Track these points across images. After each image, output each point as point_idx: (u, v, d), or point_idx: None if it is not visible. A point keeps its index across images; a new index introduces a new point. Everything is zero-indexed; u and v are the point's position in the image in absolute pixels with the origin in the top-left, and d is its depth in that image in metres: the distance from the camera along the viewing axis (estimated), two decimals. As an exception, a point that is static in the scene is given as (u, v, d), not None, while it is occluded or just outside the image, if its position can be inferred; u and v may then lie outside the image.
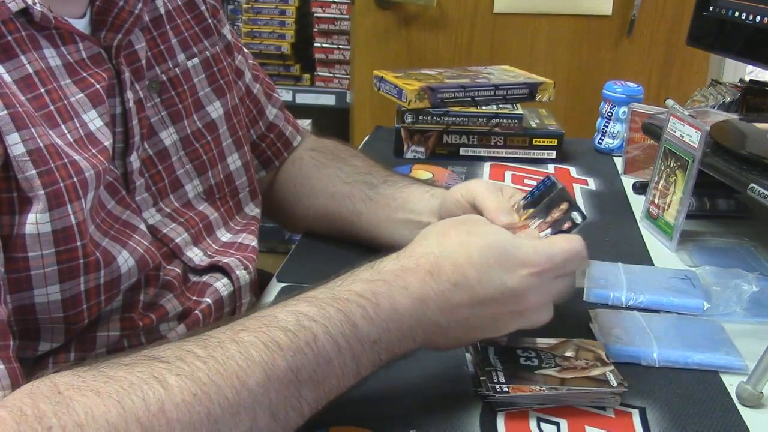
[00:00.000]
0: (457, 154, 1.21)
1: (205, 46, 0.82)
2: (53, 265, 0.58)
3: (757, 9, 0.94)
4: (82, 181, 0.59)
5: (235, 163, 0.85)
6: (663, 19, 2.05)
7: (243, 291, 0.78)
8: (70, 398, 0.44)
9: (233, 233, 0.83)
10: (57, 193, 0.57)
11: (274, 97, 0.98)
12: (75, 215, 0.58)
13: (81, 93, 0.63)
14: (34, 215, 0.56)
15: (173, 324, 0.71)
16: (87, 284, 0.61)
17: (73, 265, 0.59)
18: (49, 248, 0.57)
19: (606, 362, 0.64)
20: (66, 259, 0.58)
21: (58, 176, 0.57)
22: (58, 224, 0.57)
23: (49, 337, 0.61)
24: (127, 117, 0.69)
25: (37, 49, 0.61)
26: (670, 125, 0.96)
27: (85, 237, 0.59)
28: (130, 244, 0.66)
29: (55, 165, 0.57)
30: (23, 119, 0.56)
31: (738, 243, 0.95)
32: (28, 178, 0.55)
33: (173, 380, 0.46)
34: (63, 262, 0.58)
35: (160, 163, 0.75)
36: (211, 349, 0.49)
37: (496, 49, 2.09)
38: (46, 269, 0.57)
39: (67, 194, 0.57)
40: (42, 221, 0.56)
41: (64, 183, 0.57)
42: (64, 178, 0.57)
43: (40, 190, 0.56)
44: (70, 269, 0.59)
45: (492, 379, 0.61)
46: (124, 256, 0.64)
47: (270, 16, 2.34)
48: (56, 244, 0.57)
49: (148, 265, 0.67)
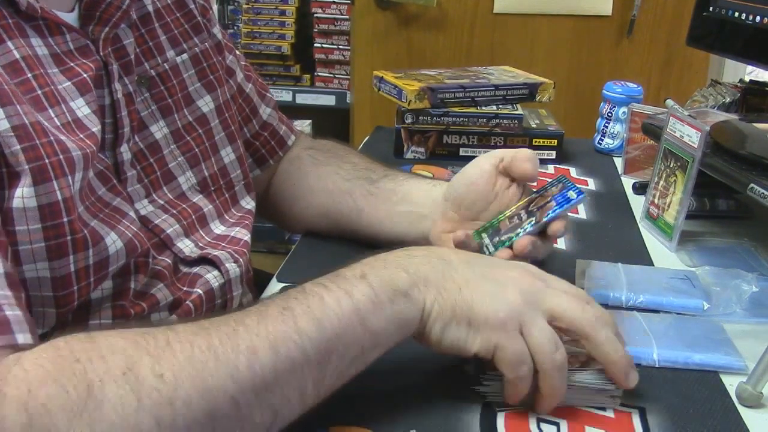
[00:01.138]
0: (457, 154, 1.21)
1: (195, 43, 0.82)
2: (40, 241, 0.58)
3: (757, 9, 0.94)
4: (68, 159, 0.59)
5: (229, 156, 0.85)
6: (663, 19, 2.05)
7: (234, 283, 0.78)
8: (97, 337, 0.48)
9: (227, 226, 0.83)
10: (42, 168, 0.57)
11: (267, 97, 0.98)
12: (61, 191, 0.58)
13: (68, 81, 0.64)
14: (21, 189, 0.56)
15: (164, 314, 0.71)
16: (76, 264, 0.61)
17: (60, 242, 0.59)
18: (36, 223, 0.57)
19: None
20: (53, 235, 0.59)
21: (43, 152, 0.58)
22: (44, 199, 0.58)
23: (40, 322, 0.61)
24: (116, 108, 0.70)
25: (24, 38, 0.62)
26: (669, 125, 0.96)
27: (72, 214, 0.60)
28: (119, 227, 0.66)
29: (41, 142, 0.58)
30: (8, 96, 0.56)
31: (738, 243, 0.95)
32: (13, 153, 0.56)
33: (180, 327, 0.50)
34: (50, 239, 0.59)
35: (152, 156, 0.75)
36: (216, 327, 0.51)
37: (496, 50, 2.09)
38: (34, 245, 0.58)
39: (52, 170, 0.58)
40: (28, 195, 0.57)
41: (49, 159, 0.58)
42: (49, 154, 0.58)
43: (25, 165, 0.56)
44: (58, 246, 0.59)
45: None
46: (112, 237, 0.65)
47: (270, 17, 2.34)
48: (42, 220, 0.58)
49: (136, 249, 0.67)
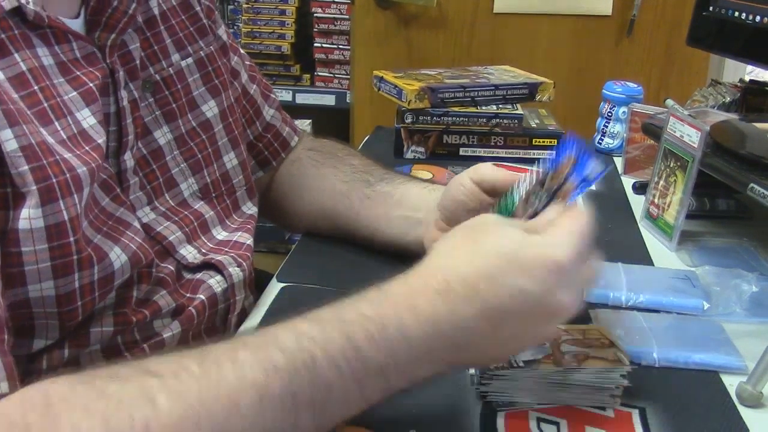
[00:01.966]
0: (457, 154, 1.21)
1: (200, 46, 0.82)
2: (46, 260, 0.58)
3: (757, 9, 0.94)
4: (74, 177, 0.59)
5: (231, 162, 0.85)
6: (663, 19, 2.05)
7: (237, 288, 0.78)
8: (58, 413, 0.44)
9: (229, 231, 0.83)
10: (49, 188, 0.57)
11: (271, 98, 0.98)
12: (68, 211, 0.58)
13: (74, 91, 0.64)
14: (27, 210, 0.56)
15: (167, 321, 0.71)
16: (81, 281, 0.61)
17: (66, 261, 0.59)
18: (42, 244, 0.57)
19: (614, 344, 0.64)
20: (59, 255, 0.59)
21: (51, 172, 0.57)
22: (51, 219, 0.57)
23: (43, 333, 0.61)
24: (121, 116, 0.69)
25: (30, 48, 0.61)
26: (669, 125, 0.96)
27: (78, 233, 0.59)
28: (123, 240, 0.66)
29: (48, 162, 0.57)
30: (15, 116, 0.56)
31: (738, 243, 0.95)
32: (21, 174, 0.56)
33: (163, 399, 0.45)
34: (56, 258, 0.59)
35: (154, 162, 0.75)
36: (206, 366, 0.48)
37: (496, 49, 2.08)
38: (40, 265, 0.58)
39: (59, 190, 0.58)
40: (35, 216, 0.56)
41: (56, 179, 0.58)
42: (56, 174, 0.58)
43: (32, 185, 0.56)
44: (64, 265, 0.59)
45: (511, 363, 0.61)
46: (116, 252, 0.65)
47: (270, 16, 2.34)
48: (49, 240, 0.58)
49: (140, 261, 0.67)
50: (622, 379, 0.61)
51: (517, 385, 0.61)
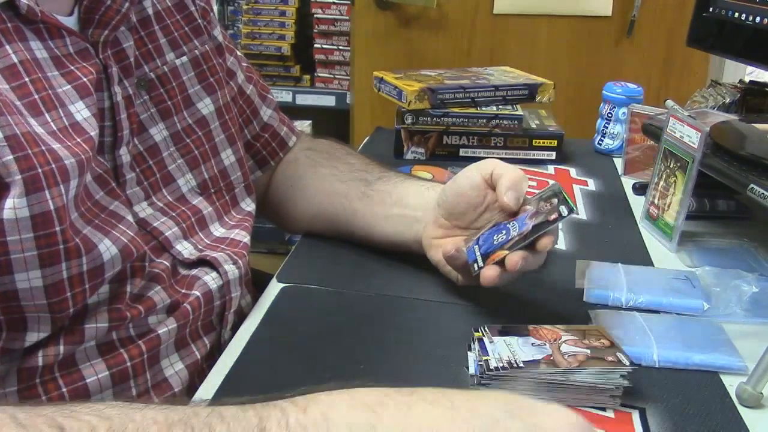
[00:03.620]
0: (457, 154, 1.21)
1: (195, 45, 0.82)
2: (32, 249, 0.58)
3: (757, 9, 0.94)
4: (61, 168, 0.59)
5: (229, 159, 0.85)
6: (663, 20, 2.05)
7: (232, 285, 0.78)
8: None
9: (227, 228, 0.83)
10: (34, 178, 0.57)
11: (268, 99, 0.98)
12: (53, 201, 0.58)
13: (68, 85, 0.64)
14: (12, 200, 0.56)
15: (162, 317, 0.71)
16: (69, 271, 0.61)
17: (53, 250, 0.59)
18: (28, 233, 0.57)
19: (614, 345, 0.64)
20: (45, 244, 0.59)
21: (36, 162, 0.57)
22: (36, 209, 0.57)
23: (36, 327, 0.61)
24: (116, 111, 0.70)
25: (23, 41, 0.62)
26: (669, 126, 0.96)
27: (64, 222, 0.60)
28: (113, 233, 0.66)
29: (33, 152, 0.58)
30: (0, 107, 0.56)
31: (738, 244, 0.95)
32: (5, 164, 0.56)
33: None
34: (42, 247, 0.59)
35: (151, 159, 0.75)
36: None
37: (496, 50, 2.09)
38: (26, 254, 0.58)
39: (45, 180, 0.58)
40: (20, 206, 0.56)
41: (41, 169, 0.58)
42: (41, 164, 0.58)
43: (17, 175, 0.56)
44: (50, 254, 0.59)
45: None
46: (106, 244, 0.65)
47: (270, 17, 2.34)
48: (35, 229, 0.58)
49: (132, 254, 0.67)
50: (622, 379, 0.61)
51: (517, 386, 0.61)
